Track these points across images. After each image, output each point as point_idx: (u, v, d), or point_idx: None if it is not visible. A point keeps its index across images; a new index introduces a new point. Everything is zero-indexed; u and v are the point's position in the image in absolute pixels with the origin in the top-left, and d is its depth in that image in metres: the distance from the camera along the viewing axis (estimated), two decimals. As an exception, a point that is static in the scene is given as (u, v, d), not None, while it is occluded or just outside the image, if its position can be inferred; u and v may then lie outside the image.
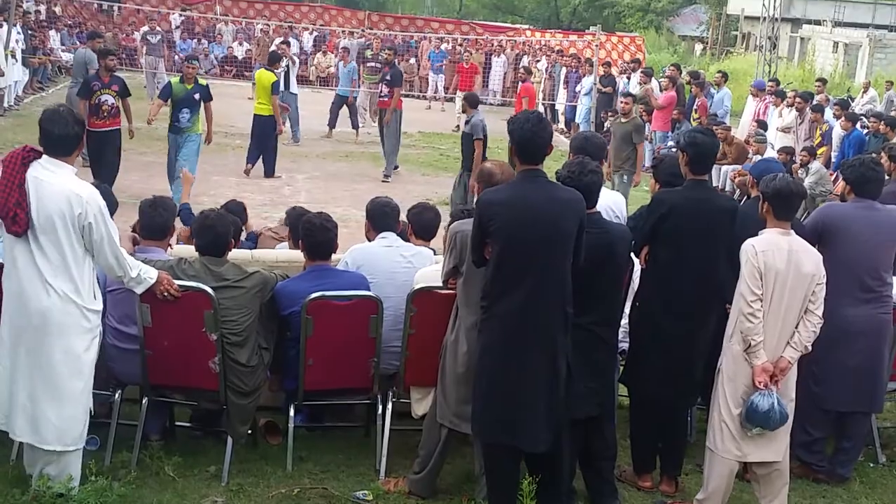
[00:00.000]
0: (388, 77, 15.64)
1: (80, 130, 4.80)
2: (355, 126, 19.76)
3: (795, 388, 5.18)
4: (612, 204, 5.90)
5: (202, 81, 12.78)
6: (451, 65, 26.36)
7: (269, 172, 14.96)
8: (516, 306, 4.62)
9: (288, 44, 20.59)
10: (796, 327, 5.07)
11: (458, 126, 21.01)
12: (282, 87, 16.70)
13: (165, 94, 12.65)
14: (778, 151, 14.04)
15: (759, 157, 12.63)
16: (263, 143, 14.97)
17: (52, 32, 24.73)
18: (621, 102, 14.05)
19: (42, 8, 25.56)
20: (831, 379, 5.67)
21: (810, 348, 5.13)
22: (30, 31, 21.09)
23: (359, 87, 20.49)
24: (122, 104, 12.07)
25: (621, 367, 5.75)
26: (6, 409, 4.71)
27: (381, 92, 15.95)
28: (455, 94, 23.23)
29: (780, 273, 4.99)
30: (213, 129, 13.11)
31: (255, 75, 16.02)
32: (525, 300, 4.61)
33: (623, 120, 13.49)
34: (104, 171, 11.43)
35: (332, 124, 19.65)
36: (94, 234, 4.61)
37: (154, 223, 5.64)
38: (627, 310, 5.72)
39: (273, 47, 19.95)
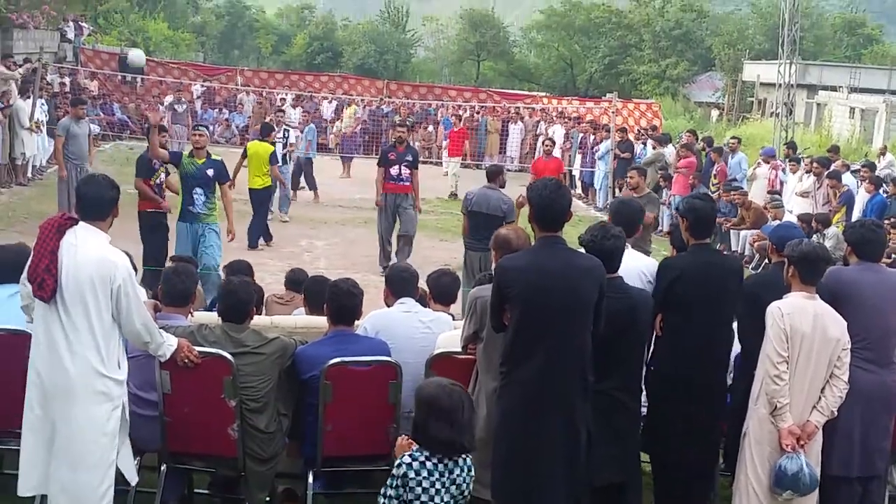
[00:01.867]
0: (408, 157, 13.25)
1: (115, 195, 4.86)
2: (313, 187, 19.24)
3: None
4: (645, 269, 5.78)
5: (215, 156, 10.87)
6: (468, 132, 26.60)
7: (254, 244, 14.16)
8: (535, 372, 4.61)
9: (283, 112, 19.56)
10: (822, 391, 5.03)
11: (452, 193, 20.91)
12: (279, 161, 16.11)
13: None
14: (797, 219, 14.03)
15: (777, 223, 12.64)
16: (260, 213, 14.39)
17: (76, 104, 25.17)
18: (628, 176, 12.00)
19: (67, 80, 26.01)
20: (837, 443, 5.53)
21: (836, 413, 5.09)
22: (55, 103, 21.44)
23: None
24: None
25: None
26: (36, 475, 4.68)
27: (400, 175, 13.16)
28: (450, 159, 23.02)
29: (806, 336, 4.98)
30: (233, 211, 11.08)
31: (246, 148, 14.75)
32: (543, 366, 4.61)
33: (634, 195, 11.02)
34: (157, 249, 10.41)
35: (296, 187, 18.95)
36: (121, 299, 4.63)
37: (176, 290, 5.66)
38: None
39: (268, 118, 19.46)
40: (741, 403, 5.47)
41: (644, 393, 5.54)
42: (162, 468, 5.39)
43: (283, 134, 16.77)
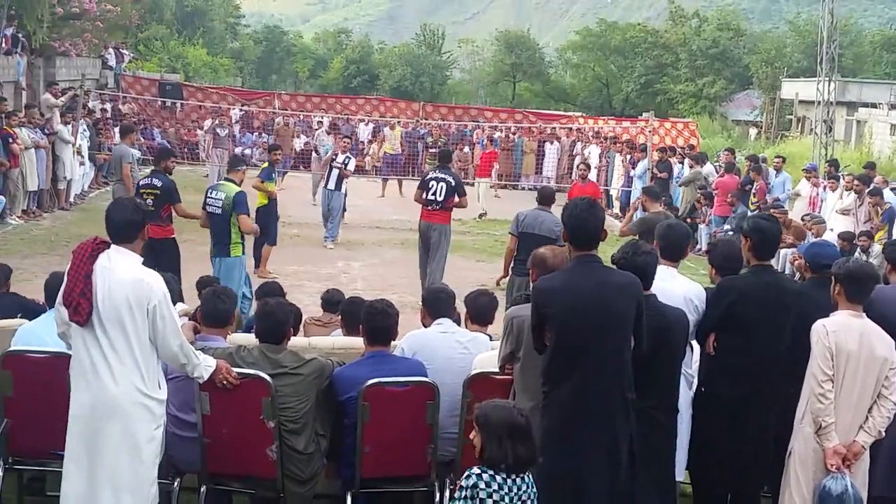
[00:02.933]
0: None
1: (140, 217, 4.92)
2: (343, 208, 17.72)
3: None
4: (694, 295, 5.60)
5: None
6: (504, 152, 26.58)
7: (259, 250, 13.40)
8: (573, 391, 4.60)
9: (349, 137, 18.68)
10: (869, 411, 4.95)
11: (481, 214, 20.80)
12: (332, 186, 16.26)
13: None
14: (838, 237, 13.85)
15: (813, 240, 12.48)
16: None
17: (117, 130, 25.47)
18: (637, 199, 11.85)
19: (108, 106, 26.36)
20: (881, 463, 5.43)
21: (884, 434, 5.00)
22: (96, 129, 21.74)
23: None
24: None
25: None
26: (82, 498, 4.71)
27: None
28: (478, 179, 22.69)
29: (852, 354, 4.90)
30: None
31: None
32: (578, 385, 4.60)
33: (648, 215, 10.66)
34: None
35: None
36: (157, 319, 4.67)
37: (215, 311, 5.70)
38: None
39: (335, 144, 18.88)
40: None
41: (689, 413, 5.49)
42: (201, 489, 5.41)
43: (344, 161, 16.40)
